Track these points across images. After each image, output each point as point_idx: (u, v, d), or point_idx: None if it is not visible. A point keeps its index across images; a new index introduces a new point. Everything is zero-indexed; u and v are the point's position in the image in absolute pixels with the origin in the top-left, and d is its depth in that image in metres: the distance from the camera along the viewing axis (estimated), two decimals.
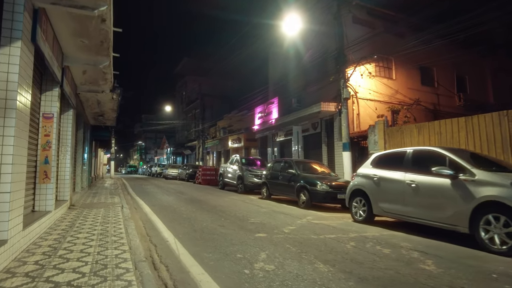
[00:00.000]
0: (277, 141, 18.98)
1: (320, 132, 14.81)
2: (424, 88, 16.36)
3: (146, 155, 61.87)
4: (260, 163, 15.25)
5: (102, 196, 11.35)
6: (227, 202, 10.19)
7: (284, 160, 10.59)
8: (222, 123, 27.54)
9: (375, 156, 6.80)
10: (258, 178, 13.01)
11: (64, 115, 8.21)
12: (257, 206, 9.07)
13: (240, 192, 13.54)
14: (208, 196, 12.07)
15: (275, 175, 10.57)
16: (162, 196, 12.24)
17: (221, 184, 16.28)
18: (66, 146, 8.14)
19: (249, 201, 10.47)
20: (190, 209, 8.36)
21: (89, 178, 14.98)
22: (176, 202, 10.03)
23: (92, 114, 12.68)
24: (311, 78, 15.90)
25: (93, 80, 8.08)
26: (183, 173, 25.90)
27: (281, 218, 7.03)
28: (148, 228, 5.90)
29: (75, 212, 7.46)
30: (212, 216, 7.14)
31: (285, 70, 18.25)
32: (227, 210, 8.14)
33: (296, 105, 16.17)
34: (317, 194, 8.49)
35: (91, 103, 10.65)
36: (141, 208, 8.91)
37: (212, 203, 9.73)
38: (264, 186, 11.21)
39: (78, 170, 11.51)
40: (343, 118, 11.09)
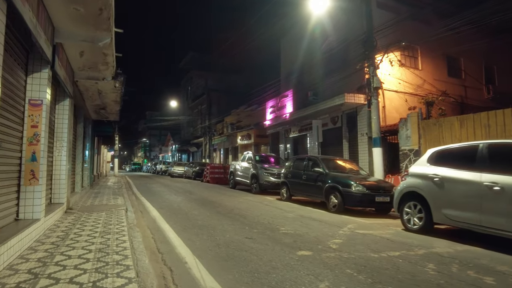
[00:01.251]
0: (290, 137, 17.81)
1: (341, 126, 13.62)
2: (450, 80, 15.11)
3: (151, 152, 60.91)
4: (274, 160, 14.12)
5: (104, 197, 10.28)
6: (244, 204, 9.06)
7: (308, 158, 9.42)
8: (230, 119, 26.40)
9: (433, 152, 5.61)
10: (275, 177, 11.87)
11: (59, 105, 7.11)
12: (280, 210, 7.93)
13: (254, 192, 12.40)
14: (220, 197, 10.95)
15: (297, 174, 9.41)
16: (169, 196, 11.15)
17: (232, 183, 15.15)
18: (61, 141, 7.04)
19: (268, 203, 9.33)
20: (204, 213, 7.24)
21: (91, 177, 13.93)
22: (187, 204, 8.93)
23: (93, 107, 11.58)
24: (329, 69, 14.69)
25: (92, 64, 6.96)
26: (189, 171, 24.82)
27: (316, 226, 5.88)
28: (159, 240, 4.78)
29: (72, 217, 6.36)
30: (233, 223, 6.01)
31: (299, 61, 17.04)
32: (248, 215, 7.01)
33: (312, 98, 14.99)
34: (352, 197, 7.33)
35: (91, 94, 9.54)
36: (148, 211, 7.81)
37: (228, 206, 8.61)
38: (283, 187, 10.05)
39: (78, 168, 10.44)
40: (373, 110, 9.89)
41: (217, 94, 30.64)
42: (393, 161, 11.15)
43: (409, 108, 11.30)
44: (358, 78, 12.73)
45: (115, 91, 9.15)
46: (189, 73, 35.91)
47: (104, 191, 12.60)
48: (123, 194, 11.57)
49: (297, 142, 17.47)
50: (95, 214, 6.78)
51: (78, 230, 5.13)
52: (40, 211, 4.79)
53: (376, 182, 7.99)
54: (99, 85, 8.51)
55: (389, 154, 11.70)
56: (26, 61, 4.92)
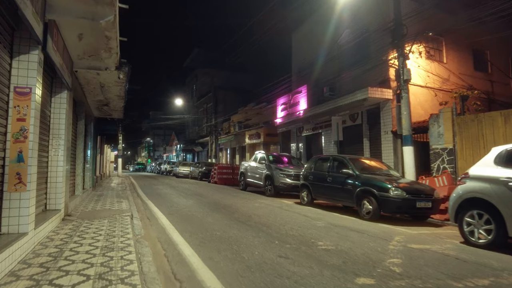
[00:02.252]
0: (303, 135, 16.88)
1: (361, 124, 12.67)
2: (477, 74, 14.11)
3: (154, 152, 60.14)
4: (288, 160, 13.20)
5: (107, 200, 9.43)
6: (262, 209, 8.15)
7: (333, 158, 8.48)
8: (237, 118, 25.49)
9: (501, 150, 4.66)
10: (291, 179, 10.96)
11: (56, 98, 6.25)
12: (305, 217, 7.01)
13: (268, 195, 11.49)
14: (233, 200, 10.05)
15: (320, 176, 8.49)
16: (178, 199, 10.27)
17: (242, 184, 14.25)
18: (59, 139, 6.18)
19: (287, 208, 8.42)
20: (221, 221, 6.34)
21: (93, 178, 13.08)
22: (199, 209, 8.04)
23: (95, 103, 10.73)
24: (347, 63, 13.75)
25: (93, 50, 6.08)
26: (195, 171, 23.96)
27: (357, 239, 4.96)
28: (173, 259, 3.88)
29: (70, 226, 5.49)
30: (257, 235, 5.10)
31: (313, 56, 16.10)
32: (271, 224, 6.10)
33: (328, 94, 14.05)
34: (390, 202, 6.39)
35: (93, 88, 8.67)
36: (156, 218, 6.93)
37: (244, 211, 7.71)
38: (303, 189, 9.13)
39: (79, 169, 9.59)
40: (404, 104, 8.94)
41: (224, 92, 29.74)
42: (421, 161, 10.19)
43: (440, 103, 10.34)
44: (380, 72, 11.78)
45: (119, 84, 8.27)
46: (194, 71, 35.03)
47: (107, 193, 11.76)
48: (127, 196, 10.72)
49: (311, 141, 16.53)
50: (97, 222, 5.91)
51: (75, 245, 4.25)
52: (28, 223, 3.91)
53: (414, 185, 7.04)
54: (101, 77, 7.64)
55: (416, 154, 10.77)
56: (11, 40, 4.04)
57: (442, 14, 12.71)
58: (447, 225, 6.80)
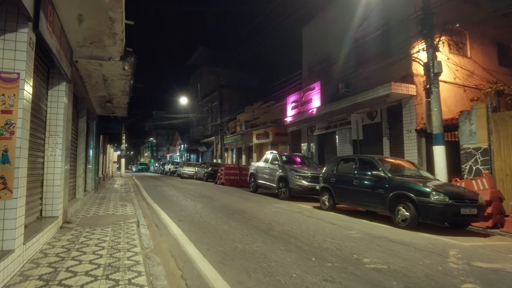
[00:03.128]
0: (315, 135, 16.11)
1: (380, 122, 11.89)
2: (502, 69, 13.29)
3: (158, 152, 59.46)
4: (301, 161, 12.44)
5: (110, 204, 8.72)
6: (281, 215, 7.41)
7: (360, 158, 7.70)
8: (244, 117, 24.76)
9: None
10: (308, 181, 10.19)
11: (53, 91, 5.54)
12: (333, 225, 6.25)
13: (282, 198, 10.73)
14: (246, 204, 9.31)
15: (345, 179, 7.72)
16: (186, 203, 9.55)
17: (252, 186, 13.50)
18: (56, 137, 5.47)
19: (309, 214, 7.67)
20: (239, 230, 5.59)
21: (95, 179, 12.40)
22: (210, 214, 7.30)
23: (97, 99, 10.02)
24: (364, 58, 12.98)
25: (95, 35, 5.36)
26: (201, 171, 23.24)
27: (406, 254, 4.20)
28: (194, 285, 3.14)
29: (69, 236, 4.77)
30: (288, 250, 4.36)
31: (326, 51, 15.34)
32: (298, 234, 5.35)
33: (344, 90, 13.29)
34: (431, 208, 5.61)
35: (95, 82, 7.96)
36: (165, 225, 6.20)
37: (262, 217, 6.96)
38: (324, 193, 8.37)
39: (80, 170, 8.88)
40: (434, 100, 8.16)
41: (229, 90, 29.01)
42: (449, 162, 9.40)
43: (471, 99, 9.55)
44: (402, 67, 11.00)
45: (123, 77, 7.55)
46: (199, 69, 34.32)
47: (111, 195, 11.06)
48: (132, 199, 10.01)
49: (323, 140, 15.76)
50: (99, 231, 5.18)
51: (73, 262, 3.52)
52: (14, 237, 3.19)
53: (455, 188, 6.27)
54: (105, 69, 6.92)
55: None
56: None
57: (467, 5, 11.93)
58: (492, 234, 6.02)
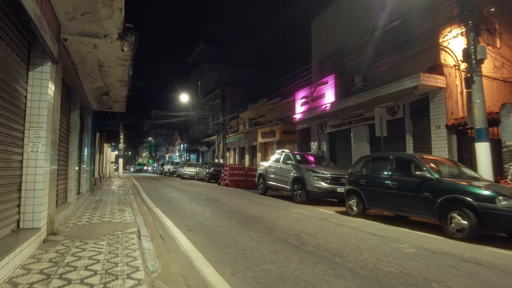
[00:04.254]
0: (326, 133, 15.11)
1: (403, 118, 10.89)
2: None
3: (156, 152, 58.28)
4: (315, 160, 11.42)
5: (107, 208, 7.67)
6: (305, 223, 6.39)
7: (397, 156, 6.66)
8: (247, 115, 23.73)
9: None
10: (327, 183, 9.17)
11: (35, 72, 4.50)
12: (375, 236, 5.22)
13: (298, 202, 9.70)
14: (260, 209, 8.28)
15: (379, 180, 6.70)
16: (192, 207, 8.51)
17: (261, 188, 12.47)
18: (38, 129, 4.43)
19: (338, 221, 6.64)
20: (264, 244, 4.56)
21: (91, 181, 11.34)
22: (223, 222, 6.27)
23: (93, 91, 8.96)
24: (383, 49, 11.99)
25: (87, 4, 4.32)
26: (202, 172, 22.18)
27: (496, 280, 3.20)
28: None
29: (52, 255, 3.73)
30: (338, 275, 3.34)
31: (338, 43, 14.35)
32: (341, 251, 4.33)
33: (361, 84, 12.30)
34: (497, 217, 4.60)
35: (89, 68, 6.91)
36: (172, 237, 5.16)
37: (286, 226, 5.94)
38: (352, 196, 7.34)
39: (72, 170, 7.82)
40: (476, 90, 7.16)
41: (231, 88, 27.97)
42: None
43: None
44: (428, 57, 10.01)
45: (122, 63, 6.50)
46: (200, 66, 33.27)
47: (107, 198, 10.01)
48: (131, 203, 8.97)
49: (335, 138, 14.75)
50: (91, 246, 4.14)
51: None
52: None
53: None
54: (100, 52, 5.88)
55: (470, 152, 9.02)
56: None
57: None
58: None
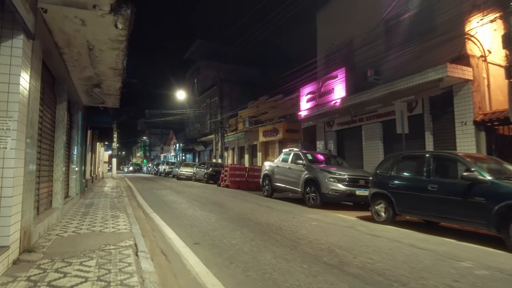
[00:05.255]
0: (333, 131, 14.26)
1: (421, 114, 10.07)
2: None
3: (151, 152, 57.02)
4: (325, 160, 10.56)
5: (98, 214, 6.70)
6: (331, 233, 5.50)
7: (434, 155, 5.80)
8: (246, 113, 22.80)
9: None
10: (345, 185, 8.30)
11: (3, 47, 3.54)
12: (425, 251, 4.35)
13: (311, 206, 8.80)
14: (272, 215, 7.37)
15: (413, 183, 5.84)
16: (194, 212, 7.58)
17: (267, 190, 11.55)
18: (6, 120, 3.48)
19: (366, 230, 5.77)
20: (295, 265, 3.66)
21: (81, 182, 10.32)
22: (235, 232, 5.35)
23: (83, 82, 7.96)
24: (397, 41, 11.17)
25: None
26: (200, 172, 21.21)
27: None
28: None
29: (20, 285, 2.78)
30: None
31: (346, 36, 13.51)
32: (397, 275, 3.45)
33: (373, 78, 11.48)
34: None
35: (77, 53, 5.94)
36: (177, 253, 4.23)
37: (310, 238, 5.04)
38: (379, 201, 6.46)
39: (58, 171, 6.82)
40: None
41: (229, 85, 27.02)
42: None
43: None
44: (451, 48, 9.19)
45: (115, 46, 5.53)
46: (196, 63, 32.24)
47: (99, 202, 9.01)
48: (125, 207, 8.00)
49: (344, 137, 13.90)
50: (75, 270, 3.19)
51: None
52: None
53: None
54: (89, 30, 4.91)
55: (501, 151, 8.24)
56: None
57: None
58: None
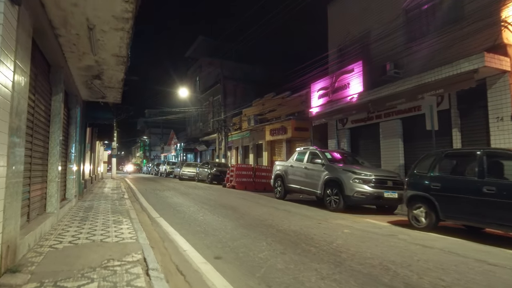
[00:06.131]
0: (346, 128, 13.50)
1: (448, 109, 9.31)
2: None
3: (151, 152, 56.15)
4: (343, 158, 9.79)
5: (98, 219, 5.91)
6: (370, 242, 4.73)
7: (487, 152, 5.01)
8: (251, 111, 22.03)
9: None
10: (371, 186, 7.53)
11: None
12: (503, 269, 3.60)
13: (333, 209, 8.02)
14: (293, 219, 6.60)
15: (462, 184, 5.09)
16: (205, 217, 6.79)
17: (279, 191, 10.79)
18: None
19: (409, 238, 5.00)
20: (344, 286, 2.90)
21: (80, 183, 9.54)
22: (259, 243, 4.58)
23: (82, 72, 7.16)
24: (421, 31, 10.44)
25: None
26: (203, 173, 20.44)
27: None
28: None
29: None
30: None
31: (361, 29, 12.77)
32: None
33: (393, 71, 10.73)
34: None
35: (75, 34, 5.15)
36: (198, 271, 3.46)
37: (350, 249, 4.28)
38: (418, 204, 5.71)
39: (53, 172, 6.03)
40: None
41: (233, 83, 26.23)
42: None
43: None
44: (484, 37, 8.43)
45: (120, 25, 4.75)
46: (198, 61, 31.42)
47: (99, 205, 8.21)
48: (128, 211, 7.22)
49: (359, 135, 13.15)
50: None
51: None
52: None
53: None
54: (89, 3, 4.14)
55: None
56: None
57: None
58: None
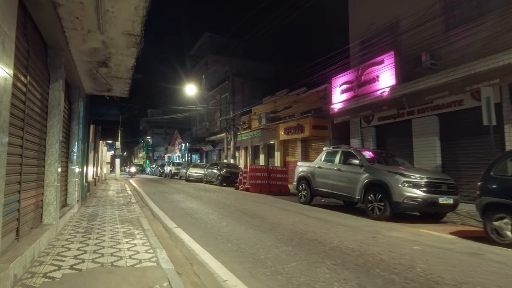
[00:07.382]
0: (372, 126, 12.42)
1: (500, 103, 8.18)
2: None
3: (154, 152, 55.13)
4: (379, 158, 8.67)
5: (105, 232, 4.84)
6: (448, 261, 3.66)
7: None
8: (262, 109, 20.98)
9: None
10: (424, 191, 6.45)
11: None
12: None
13: (376, 218, 6.93)
14: (338, 232, 5.53)
15: None
16: (232, 228, 5.73)
17: (305, 195, 9.70)
18: None
19: (502, 259, 3.93)
20: None
21: (83, 186, 8.49)
22: (319, 269, 3.51)
23: (85, 57, 6.10)
24: (462, 18, 9.37)
25: None
26: (212, 174, 19.38)
27: None
28: None
29: None
30: None
31: (388, 17, 11.70)
32: None
33: (429, 63, 9.66)
34: None
35: (78, 2, 4.11)
36: None
37: (442, 276, 3.21)
38: (500, 214, 4.64)
39: (52, 174, 4.98)
40: None
41: (241, 80, 25.17)
42: None
43: None
44: None
45: None
46: (204, 58, 30.42)
47: (105, 212, 7.15)
48: (139, 219, 6.17)
49: (386, 133, 12.05)
50: None
51: None
52: None
53: None
54: None
55: None
56: None
57: None
58: None
